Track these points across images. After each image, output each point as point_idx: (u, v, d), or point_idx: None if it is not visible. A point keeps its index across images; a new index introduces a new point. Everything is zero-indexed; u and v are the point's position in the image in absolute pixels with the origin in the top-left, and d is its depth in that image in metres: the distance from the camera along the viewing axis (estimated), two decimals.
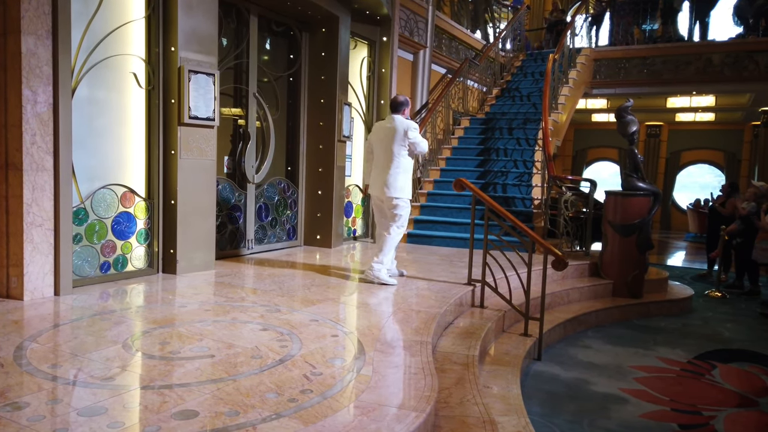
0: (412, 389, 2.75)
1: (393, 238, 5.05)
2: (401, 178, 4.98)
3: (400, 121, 4.97)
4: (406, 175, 5.03)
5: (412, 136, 4.95)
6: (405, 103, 5.09)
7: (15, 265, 3.94)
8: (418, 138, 5.01)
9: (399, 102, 5.09)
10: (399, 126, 4.95)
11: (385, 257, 5.00)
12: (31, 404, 2.35)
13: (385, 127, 5.06)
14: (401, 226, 5.11)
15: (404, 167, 4.99)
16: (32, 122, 3.89)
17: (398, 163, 4.96)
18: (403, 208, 5.05)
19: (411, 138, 4.95)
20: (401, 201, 5.01)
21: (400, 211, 5.04)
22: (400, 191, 4.99)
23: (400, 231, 5.11)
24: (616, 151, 17.20)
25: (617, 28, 12.24)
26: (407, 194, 5.04)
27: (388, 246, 5.02)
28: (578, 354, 4.86)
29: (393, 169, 4.95)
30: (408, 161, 5.02)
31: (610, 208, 6.49)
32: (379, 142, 5.07)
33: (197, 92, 4.96)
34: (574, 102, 10.92)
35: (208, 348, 3.14)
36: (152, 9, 4.80)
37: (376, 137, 5.13)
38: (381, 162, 5.04)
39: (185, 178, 4.99)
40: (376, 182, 5.07)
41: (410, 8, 8.51)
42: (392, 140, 4.95)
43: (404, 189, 5.00)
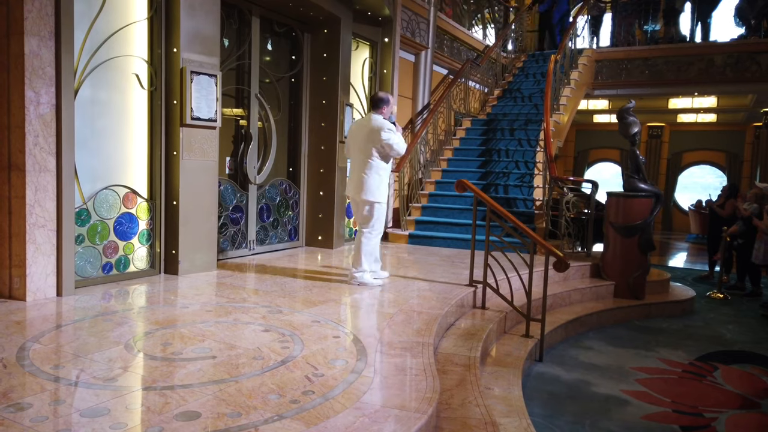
0: (414, 391, 2.75)
1: (368, 244, 4.87)
2: (375, 180, 4.78)
3: (376, 120, 4.77)
4: (381, 177, 4.82)
5: (385, 137, 4.70)
6: (384, 100, 4.84)
7: (18, 266, 3.95)
8: (393, 139, 4.74)
9: (378, 98, 4.86)
10: (375, 125, 4.75)
11: (362, 265, 4.86)
12: (34, 405, 2.36)
13: (361, 125, 4.89)
14: (376, 230, 4.91)
15: (378, 168, 4.79)
16: (35, 123, 3.90)
17: (372, 164, 4.76)
18: (377, 210, 4.85)
19: (384, 138, 4.70)
20: (375, 204, 4.82)
21: (375, 214, 4.85)
22: (373, 194, 4.79)
23: (375, 236, 4.91)
24: (617, 152, 17.18)
25: (619, 28, 12.23)
26: (381, 197, 4.83)
27: (364, 253, 4.85)
28: (580, 355, 4.86)
29: (367, 170, 4.76)
30: (378, 161, 4.80)
31: (612, 209, 6.49)
32: (354, 141, 4.90)
33: (199, 93, 4.97)
34: (575, 103, 10.91)
35: (210, 349, 3.15)
36: (155, 10, 4.81)
37: (352, 136, 4.96)
38: (356, 162, 4.88)
39: (187, 178, 5.00)
40: (351, 183, 4.94)
41: (412, 9, 8.52)
42: (367, 140, 4.76)
43: (378, 191, 4.80)
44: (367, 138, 4.75)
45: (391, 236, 7.70)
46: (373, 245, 4.92)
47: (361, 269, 4.85)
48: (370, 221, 4.85)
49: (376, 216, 4.85)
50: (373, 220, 4.85)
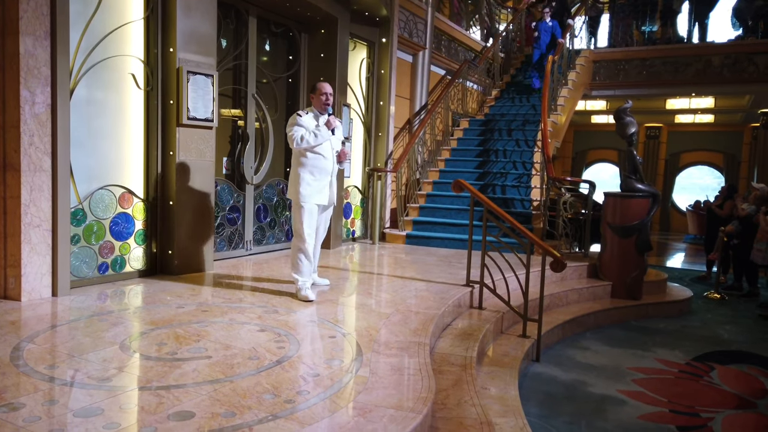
0: (410, 390, 2.74)
1: (293, 247, 4.48)
2: (293, 177, 4.50)
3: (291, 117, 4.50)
4: (296, 174, 4.45)
5: (287, 130, 4.41)
6: (311, 89, 4.66)
7: (13, 266, 3.94)
8: (291, 131, 4.36)
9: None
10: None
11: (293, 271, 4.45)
12: (27, 405, 2.35)
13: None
14: (295, 231, 4.48)
15: (295, 164, 4.49)
16: (30, 123, 3.89)
17: (293, 160, 4.52)
18: (294, 210, 4.50)
19: (287, 131, 4.42)
20: (293, 204, 4.49)
21: (292, 214, 4.54)
22: (290, 192, 4.53)
23: (296, 238, 4.46)
24: (615, 153, 17.20)
25: (617, 29, 12.24)
26: (294, 195, 4.43)
27: (291, 257, 4.49)
28: (576, 355, 4.86)
29: (292, 167, 4.53)
30: (297, 158, 4.46)
31: (609, 210, 6.49)
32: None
33: (196, 93, 4.96)
34: (573, 103, 10.92)
35: (205, 349, 3.14)
36: (151, 10, 4.80)
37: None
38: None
39: (183, 178, 4.99)
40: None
41: (409, 9, 8.52)
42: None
43: (293, 188, 4.47)
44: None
45: (389, 236, 7.69)
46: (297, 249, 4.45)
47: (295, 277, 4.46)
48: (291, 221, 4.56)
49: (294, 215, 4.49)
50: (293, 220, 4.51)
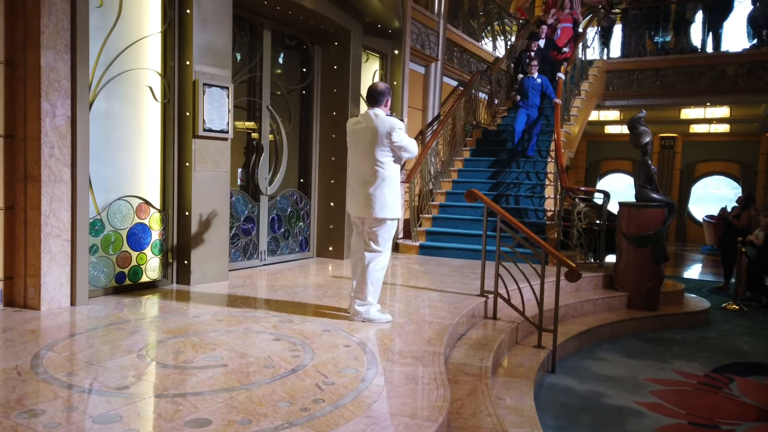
0: (425, 400, 2.74)
1: (379, 270, 4.07)
2: (388, 192, 3.97)
3: (381, 120, 3.94)
4: (393, 188, 4.01)
5: (398, 138, 3.92)
6: (386, 91, 4.03)
7: (32, 276, 4.00)
8: (405, 139, 3.98)
9: (379, 91, 4.00)
10: (380, 126, 3.92)
11: (370, 296, 4.04)
12: (47, 412, 2.38)
13: (361, 128, 4.03)
14: (384, 252, 4.08)
15: (390, 177, 3.98)
16: (51, 135, 3.97)
17: (382, 173, 3.94)
18: (388, 229, 4.05)
19: (396, 140, 3.91)
20: (388, 221, 4.02)
21: (385, 234, 4.05)
22: (389, 210, 3.97)
23: (385, 259, 4.10)
24: (630, 163, 17.08)
25: (629, 39, 12.22)
26: (396, 212, 4.02)
27: (373, 280, 4.04)
28: (593, 366, 4.81)
29: (377, 182, 3.94)
30: (394, 170, 4.01)
31: (624, 220, 6.45)
32: (356, 147, 4.07)
33: (211, 105, 5.03)
34: (586, 114, 10.89)
35: (221, 357, 3.16)
36: (168, 24, 4.89)
37: (351, 140, 4.14)
38: (360, 172, 4.05)
39: (199, 189, 5.05)
40: (356, 198, 4.08)
41: (421, 21, 8.58)
42: (373, 145, 3.93)
43: (393, 206, 4.00)
44: (372, 141, 3.94)
45: (402, 247, 7.69)
46: (381, 271, 4.12)
47: (365, 302, 4.05)
48: (378, 240, 4.05)
49: (388, 236, 4.09)
50: (382, 239, 4.07)
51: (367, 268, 4.05)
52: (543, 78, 8.58)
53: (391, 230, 4.11)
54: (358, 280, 4.11)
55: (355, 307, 4.08)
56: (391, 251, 4.24)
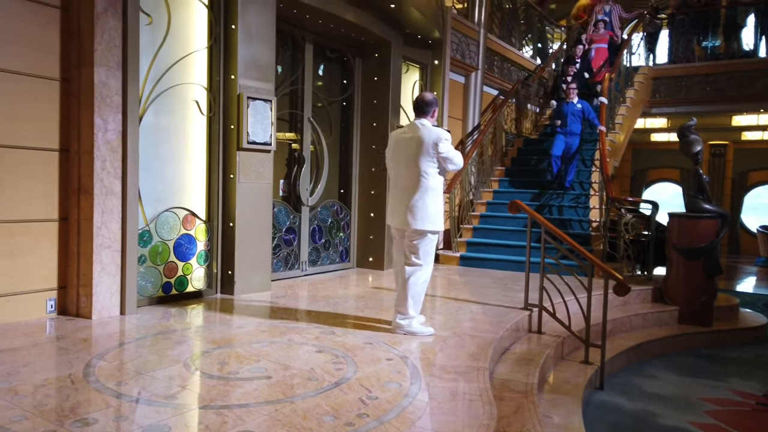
0: (470, 417, 2.68)
1: (421, 283, 4.01)
2: (431, 204, 3.91)
3: (426, 130, 3.91)
4: (436, 200, 3.95)
5: (444, 149, 3.88)
6: (434, 102, 4.01)
7: (85, 285, 4.13)
8: (452, 151, 3.95)
9: (427, 101, 3.99)
10: (426, 136, 3.88)
11: (411, 309, 3.99)
12: (99, 421, 2.43)
13: (406, 138, 3.99)
14: (425, 265, 4.01)
15: (433, 189, 3.94)
16: (103, 149, 4.10)
17: (426, 184, 3.90)
18: (430, 242, 4.00)
19: (442, 151, 3.88)
20: (430, 234, 3.97)
21: (426, 247, 3.99)
22: (431, 222, 3.92)
23: (427, 272, 4.04)
24: (677, 172, 16.55)
25: (677, 45, 11.87)
26: (438, 225, 3.96)
27: (413, 293, 3.98)
28: (643, 384, 4.64)
29: (420, 193, 3.89)
30: (438, 181, 3.98)
31: (675, 231, 6.22)
32: (399, 157, 4.02)
33: (255, 118, 5.11)
34: (632, 121, 10.62)
35: (265, 369, 3.17)
36: (214, 39, 5.01)
37: (395, 152, 4.08)
38: (403, 183, 3.99)
39: (243, 201, 5.12)
40: (397, 210, 4.01)
41: (462, 31, 8.55)
42: (418, 154, 3.89)
43: (436, 218, 3.94)
44: (417, 152, 3.89)
45: (442, 258, 7.62)
46: (423, 284, 4.06)
47: (407, 316, 4.00)
48: (418, 253, 3.99)
49: (430, 249, 4.04)
50: (423, 252, 4.00)
51: (408, 281, 3.99)
52: (584, 103, 8.02)
53: (433, 243, 4.05)
54: (398, 293, 4.08)
55: (396, 321, 4.05)
56: (432, 266, 4.14)
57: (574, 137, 7.96)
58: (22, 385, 2.78)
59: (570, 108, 7.96)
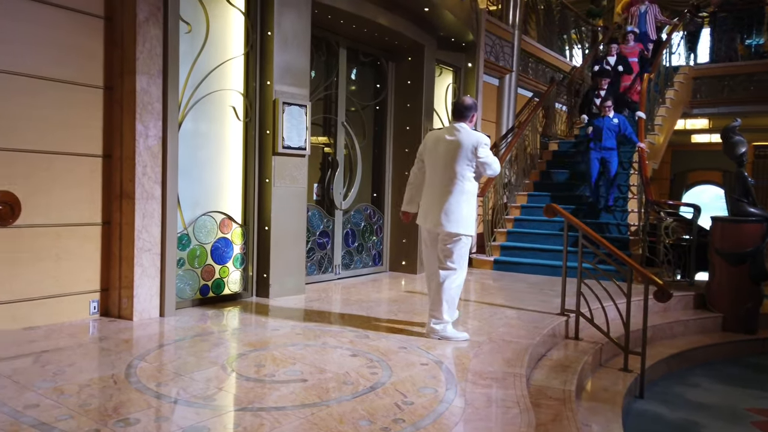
0: (507, 424, 2.64)
1: (455, 287, 4.01)
2: (465, 207, 3.93)
3: (467, 134, 3.92)
4: (470, 204, 3.98)
5: (484, 154, 3.89)
6: (473, 106, 4.01)
7: (126, 287, 4.24)
8: (491, 156, 3.97)
9: (466, 105, 3.99)
10: (466, 140, 3.89)
11: (446, 314, 3.98)
12: (141, 421, 2.49)
13: (445, 140, 3.97)
14: (459, 269, 4.01)
15: (468, 192, 3.95)
16: (144, 155, 4.20)
17: (462, 187, 3.91)
18: (463, 246, 4.00)
19: (482, 156, 3.89)
20: (464, 237, 3.97)
21: (460, 250, 3.99)
22: (465, 225, 3.93)
23: (457, 277, 4.02)
24: (719, 174, 16.04)
25: (719, 44, 11.52)
26: (470, 229, 3.97)
27: (448, 297, 3.98)
28: (686, 393, 4.50)
29: (455, 196, 3.90)
30: (473, 185, 4.00)
31: (718, 235, 6.03)
32: (436, 159, 4.01)
33: (290, 123, 5.17)
34: (671, 123, 10.34)
35: (300, 372, 3.20)
36: (250, 46, 5.09)
37: (432, 153, 4.06)
38: (438, 184, 3.99)
39: (278, 205, 5.18)
40: (431, 211, 4.01)
41: (496, 33, 8.48)
42: (456, 157, 3.89)
43: (469, 222, 3.96)
44: (458, 155, 3.89)
45: (476, 262, 7.56)
46: (457, 288, 4.06)
47: (441, 320, 3.99)
48: (453, 257, 3.99)
49: (465, 251, 4.03)
50: (458, 256, 4.00)
51: (442, 285, 3.98)
52: (620, 118, 7.47)
53: (467, 247, 4.04)
54: (432, 297, 4.07)
55: (430, 326, 4.04)
56: (466, 270, 4.14)
57: (610, 153, 7.46)
58: (67, 384, 2.87)
59: (606, 123, 7.44)
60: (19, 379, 2.90)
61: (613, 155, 7.46)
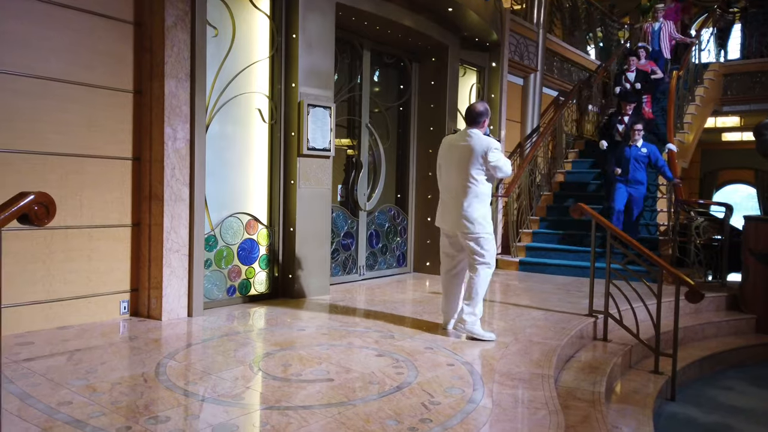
0: (536, 426, 2.61)
1: (482, 282, 4.09)
2: (479, 209, 4.06)
3: (478, 138, 4.04)
4: (484, 204, 4.11)
5: (494, 159, 4.00)
6: (485, 112, 4.11)
7: (155, 288, 4.31)
8: (502, 160, 4.06)
9: (478, 111, 4.09)
10: (477, 145, 4.01)
11: (477, 306, 4.10)
12: (172, 419, 2.52)
13: (458, 146, 4.12)
14: (491, 263, 4.14)
15: (482, 194, 4.08)
16: (172, 157, 4.27)
17: (475, 191, 4.04)
18: (488, 241, 4.10)
19: (492, 161, 4.00)
20: (483, 234, 4.07)
21: (487, 246, 4.10)
22: (480, 224, 4.04)
23: (491, 270, 4.15)
24: (751, 173, 15.64)
25: (750, 40, 11.24)
26: (488, 226, 4.10)
27: (479, 289, 4.08)
28: (719, 396, 4.39)
29: (469, 198, 4.03)
30: (487, 188, 4.12)
31: (751, 235, 5.87)
32: (450, 164, 4.16)
33: (315, 125, 5.20)
34: (701, 121, 10.12)
35: (327, 371, 3.21)
36: (275, 49, 5.14)
37: (446, 158, 4.22)
38: (453, 189, 4.14)
39: (303, 206, 5.22)
40: (449, 214, 4.17)
41: (520, 32, 8.41)
42: (468, 162, 4.02)
43: (485, 221, 4.08)
44: (468, 159, 4.03)
45: (501, 263, 7.50)
46: (487, 283, 4.16)
47: (474, 312, 4.09)
48: (481, 251, 4.10)
49: (489, 247, 4.13)
50: (485, 250, 4.11)
51: (478, 278, 4.09)
52: (650, 147, 6.67)
53: (491, 241, 4.15)
54: (467, 289, 4.17)
55: (462, 316, 4.11)
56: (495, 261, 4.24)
57: (638, 187, 6.70)
58: (99, 382, 2.93)
59: (634, 152, 6.65)
60: (53, 377, 2.97)
61: (640, 191, 6.70)
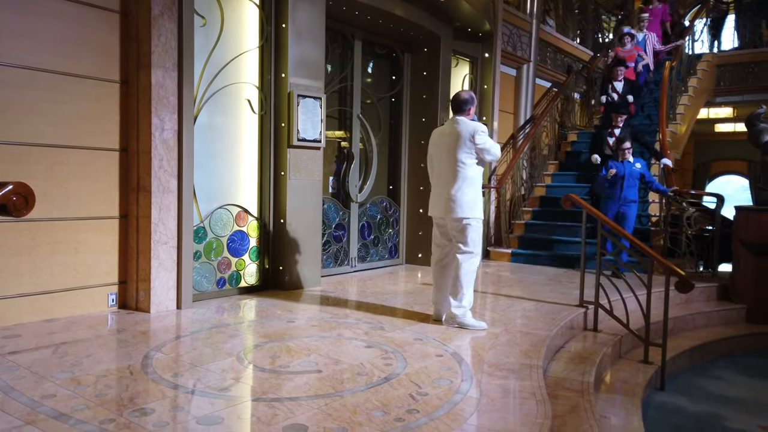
0: (524, 415, 2.61)
1: (468, 271, 4.10)
2: (469, 193, 4.06)
3: (464, 124, 4.08)
4: (475, 189, 4.10)
5: (481, 141, 4.03)
6: (470, 100, 4.16)
7: (143, 280, 4.27)
8: (488, 142, 4.08)
9: (462, 99, 4.14)
10: (463, 130, 4.05)
11: (464, 298, 4.09)
12: (156, 411, 2.50)
13: (445, 134, 4.18)
14: (475, 253, 4.13)
15: (472, 179, 4.08)
16: (160, 148, 4.23)
17: (464, 174, 4.05)
18: (474, 230, 4.10)
19: (479, 143, 4.03)
20: (472, 221, 4.08)
21: (472, 234, 4.09)
22: (470, 209, 4.05)
23: (475, 260, 4.14)
24: (744, 164, 15.66)
25: (743, 30, 11.24)
26: (479, 212, 4.10)
27: (464, 281, 4.07)
28: (708, 385, 4.41)
29: (458, 182, 4.05)
30: (476, 171, 4.12)
31: (742, 226, 5.89)
32: (439, 153, 4.20)
33: (305, 115, 5.16)
34: (694, 112, 10.13)
35: (315, 363, 3.20)
36: (265, 39, 5.09)
37: (435, 147, 4.25)
38: (443, 175, 4.15)
39: (294, 198, 5.19)
40: (439, 200, 4.18)
41: (513, 23, 8.37)
42: (456, 147, 4.05)
43: (475, 206, 4.08)
44: (455, 145, 4.06)
45: (493, 254, 7.50)
46: (475, 272, 4.17)
47: (462, 305, 4.10)
48: (466, 240, 4.09)
49: (475, 235, 4.12)
50: (471, 239, 4.10)
51: (460, 269, 4.09)
52: (642, 162, 6.35)
53: (478, 230, 4.15)
54: (452, 283, 4.16)
55: (451, 311, 4.12)
56: (481, 254, 4.25)
57: (630, 206, 6.22)
58: (84, 375, 2.91)
59: (627, 168, 6.19)
60: (38, 370, 2.95)
61: (632, 209, 6.26)
